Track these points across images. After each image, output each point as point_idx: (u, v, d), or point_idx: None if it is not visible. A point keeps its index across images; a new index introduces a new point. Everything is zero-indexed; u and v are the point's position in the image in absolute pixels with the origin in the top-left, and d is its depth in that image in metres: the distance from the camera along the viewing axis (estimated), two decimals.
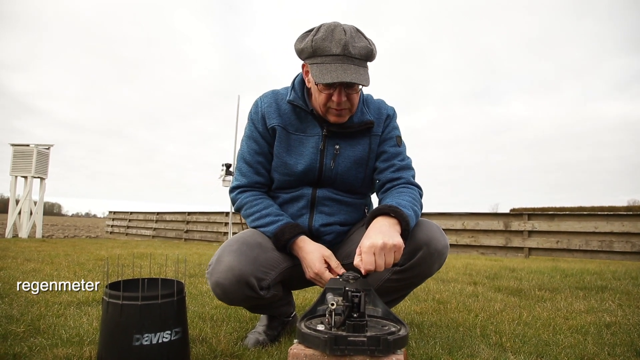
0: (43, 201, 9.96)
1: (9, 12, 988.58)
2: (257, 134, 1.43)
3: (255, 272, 1.25)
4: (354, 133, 1.41)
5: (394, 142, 1.46)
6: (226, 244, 1.30)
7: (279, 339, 1.49)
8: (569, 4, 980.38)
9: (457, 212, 7.84)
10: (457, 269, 3.89)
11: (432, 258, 1.29)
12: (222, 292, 1.24)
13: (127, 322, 1.00)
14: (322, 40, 1.23)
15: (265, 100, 1.43)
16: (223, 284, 1.22)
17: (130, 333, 0.99)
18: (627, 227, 6.28)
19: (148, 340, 1.00)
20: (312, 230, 1.42)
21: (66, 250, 5.33)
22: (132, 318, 1.00)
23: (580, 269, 3.88)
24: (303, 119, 1.41)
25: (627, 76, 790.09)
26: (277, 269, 1.33)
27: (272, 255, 1.33)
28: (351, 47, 1.22)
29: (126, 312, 1.00)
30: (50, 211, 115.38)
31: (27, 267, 3.24)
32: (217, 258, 1.26)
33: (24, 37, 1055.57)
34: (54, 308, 1.83)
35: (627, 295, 2.46)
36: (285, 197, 1.45)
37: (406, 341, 0.94)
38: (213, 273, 1.24)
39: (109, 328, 1.02)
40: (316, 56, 1.25)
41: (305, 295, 2.35)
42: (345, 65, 1.22)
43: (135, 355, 0.99)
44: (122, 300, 1.00)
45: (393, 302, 1.49)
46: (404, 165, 1.43)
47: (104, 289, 1.06)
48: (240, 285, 1.22)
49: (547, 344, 1.46)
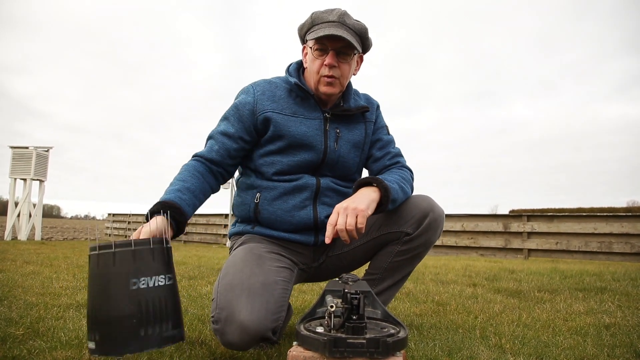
0: (42, 203, 9.95)
1: (10, 14, 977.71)
2: (235, 119, 1.41)
3: (270, 324, 1.13)
4: (351, 117, 1.49)
5: (385, 131, 1.58)
6: (230, 292, 1.15)
7: (278, 342, 1.49)
8: (569, 6, 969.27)
9: (457, 214, 7.85)
10: (456, 271, 3.89)
11: (437, 223, 1.41)
12: (236, 349, 1.17)
13: (122, 268, 0.98)
14: (320, 12, 1.38)
15: (258, 88, 1.42)
16: (238, 345, 1.12)
17: (126, 278, 0.98)
18: (626, 228, 6.29)
19: (145, 284, 0.99)
20: (317, 223, 1.41)
21: (65, 252, 5.32)
22: (127, 263, 0.99)
23: (579, 270, 3.89)
24: (301, 103, 1.43)
25: (627, 78, 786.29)
26: (286, 304, 1.23)
27: (278, 289, 1.21)
28: (347, 18, 1.35)
29: (119, 258, 0.98)
30: (50, 213, 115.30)
31: (26, 270, 3.24)
32: (226, 316, 1.11)
33: (26, 40, 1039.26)
34: (53, 311, 1.83)
35: (626, 297, 2.46)
36: (287, 187, 1.40)
37: (405, 343, 0.94)
38: (224, 333, 1.11)
39: (103, 279, 0.99)
40: (314, 25, 1.38)
41: (305, 298, 2.35)
42: (340, 30, 1.33)
43: (134, 299, 0.98)
44: (115, 249, 0.99)
45: (399, 283, 1.51)
46: (397, 152, 1.56)
47: (89, 251, 1.02)
48: (256, 342, 1.13)
49: (547, 345, 1.46)
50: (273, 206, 1.40)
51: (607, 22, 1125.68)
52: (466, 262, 5.41)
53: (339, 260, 1.49)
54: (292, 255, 1.43)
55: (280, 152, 1.40)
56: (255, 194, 1.42)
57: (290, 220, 1.40)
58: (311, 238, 1.43)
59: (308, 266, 1.48)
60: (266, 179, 1.42)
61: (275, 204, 1.40)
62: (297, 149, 1.40)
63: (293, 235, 1.42)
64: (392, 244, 1.44)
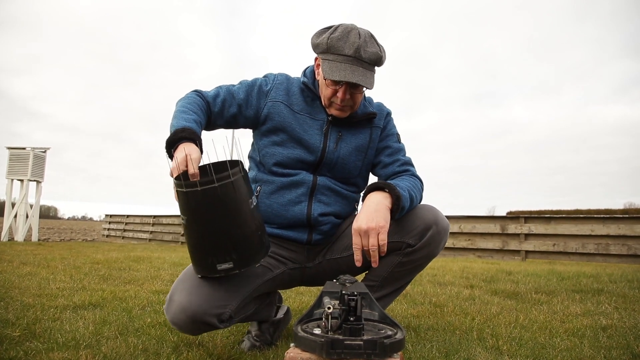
0: (39, 204, 9.92)
1: (9, 15, 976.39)
2: (245, 91, 1.44)
3: (211, 309, 1.18)
4: (356, 122, 1.49)
5: (395, 139, 1.56)
6: (180, 278, 1.25)
7: (275, 343, 1.49)
8: (570, 8, 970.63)
9: (454, 215, 7.85)
10: (453, 272, 3.89)
11: (439, 236, 1.39)
12: (179, 329, 1.22)
13: (242, 193, 1.11)
14: (337, 39, 1.32)
15: (279, 78, 1.49)
16: (178, 324, 1.20)
17: (247, 200, 1.13)
18: (623, 230, 6.30)
19: (253, 202, 1.17)
20: (310, 219, 1.42)
21: (62, 253, 5.30)
22: (242, 188, 1.12)
23: (576, 272, 3.90)
24: (310, 103, 1.47)
25: (627, 80, 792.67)
26: (238, 297, 1.27)
27: (230, 285, 1.25)
28: (363, 51, 1.31)
29: (237, 185, 1.10)
30: (47, 214, 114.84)
31: (23, 271, 3.23)
32: (170, 296, 1.21)
33: (25, 40, 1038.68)
34: (49, 312, 1.82)
35: (623, 298, 2.47)
36: (285, 181, 1.42)
37: (403, 345, 0.94)
38: (168, 311, 1.20)
39: (229, 205, 1.10)
40: (329, 53, 1.34)
41: (302, 299, 2.35)
42: (354, 67, 1.31)
43: (255, 215, 1.16)
44: (232, 177, 1.09)
45: (398, 291, 1.50)
46: (407, 161, 1.53)
47: (182, 182, 1.08)
48: (196, 325, 1.19)
49: (544, 347, 1.46)
50: (270, 199, 1.43)
51: (607, 25, 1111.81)
52: (463, 263, 5.41)
53: (337, 264, 1.49)
54: (284, 253, 1.44)
55: (280, 144, 1.44)
56: (257, 187, 1.46)
57: (284, 214, 1.41)
58: (304, 236, 1.44)
59: (302, 266, 1.48)
60: (267, 171, 1.46)
61: (272, 198, 1.43)
62: (295, 144, 1.43)
63: (286, 231, 1.43)
64: (394, 254, 1.41)
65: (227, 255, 1.12)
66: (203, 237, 1.13)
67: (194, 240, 1.15)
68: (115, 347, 1.35)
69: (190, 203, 1.09)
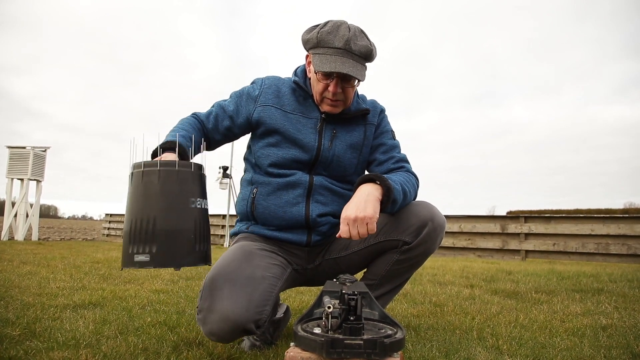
0: (39, 204, 9.91)
1: (10, 14, 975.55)
2: (234, 101, 1.49)
3: (252, 316, 1.15)
4: (350, 119, 1.49)
5: (390, 136, 1.55)
6: (214, 283, 1.19)
7: (275, 342, 1.49)
8: (570, 8, 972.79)
9: (454, 215, 7.84)
10: (453, 272, 3.90)
11: (436, 232, 1.38)
12: (217, 339, 1.19)
13: (185, 187, 1.09)
14: (327, 33, 1.32)
15: (267, 82, 1.49)
16: (218, 334, 1.16)
17: (187, 197, 1.09)
18: (623, 229, 6.30)
19: (199, 204, 1.11)
20: (309, 220, 1.41)
21: (62, 252, 5.31)
22: (188, 183, 1.09)
23: (576, 272, 3.90)
24: (302, 102, 1.47)
25: (627, 80, 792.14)
26: (272, 299, 1.24)
27: (265, 284, 1.23)
28: (352, 43, 1.31)
29: (181, 178, 1.08)
30: (47, 214, 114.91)
31: (23, 270, 3.23)
32: (208, 305, 1.16)
33: (25, 40, 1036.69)
34: (49, 311, 1.82)
35: (623, 298, 2.47)
36: (281, 182, 1.42)
37: (403, 344, 0.94)
38: (206, 322, 1.16)
39: (166, 194, 1.07)
40: (319, 47, 1.34)
41: (302, 298, 2.35)
42: (345, 59, 1.31)
43: (192, 216, 1.09)
44: (178, 167, 1.07)
45: (397, 289, 1.50)
46: (402, 158, 1.52)
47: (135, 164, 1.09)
48: (235, 333, 1.16)
49: (544, 346, 1.47)
50: (267, 201, 1.42)
51: (607, 25, 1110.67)
52: (464, 263, 5.42)
53: (336, 264, 1.49)
54: (286, 255, 1.43)
55: (275, 145, 1.44)
56: (253, 189, 1.46)
57: (282, 215, 1.41)
58: (303, 237, 1.43)
59: (303, 267, 1.48)
60: (263, 172, 1.46)
61: (269, 199, 1.42)
62: (290, 144, 1.43)
63: (285, 234, 1.43)
64: (391, 252, 1.42)
65: (143, 246, 1.04)
66: (133, 222, 1.07)
67: (125, 227, 1.09)
68: (115, 347, 1.35)
69: (132, 184, 1.09)
